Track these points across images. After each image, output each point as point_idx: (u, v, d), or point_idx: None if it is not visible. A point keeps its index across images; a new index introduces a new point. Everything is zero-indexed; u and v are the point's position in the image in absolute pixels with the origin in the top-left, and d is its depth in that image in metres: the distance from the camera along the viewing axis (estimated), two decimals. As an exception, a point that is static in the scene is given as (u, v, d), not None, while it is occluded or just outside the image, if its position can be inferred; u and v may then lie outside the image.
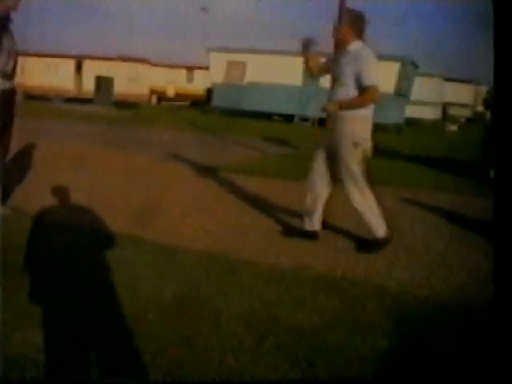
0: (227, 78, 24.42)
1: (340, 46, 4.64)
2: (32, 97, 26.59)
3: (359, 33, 4.61)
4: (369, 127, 4.67)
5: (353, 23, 4.57)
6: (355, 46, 4.58)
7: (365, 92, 4.48)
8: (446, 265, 4.39)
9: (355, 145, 4.55)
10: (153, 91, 34.60)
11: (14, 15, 4.73)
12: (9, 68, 4.71)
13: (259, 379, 2.51)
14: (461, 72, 43.79)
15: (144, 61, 31.23)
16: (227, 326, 3.00)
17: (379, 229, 4.66)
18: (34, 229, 4.54)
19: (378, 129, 13.27)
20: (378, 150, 11.41)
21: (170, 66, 36.91)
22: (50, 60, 29.98)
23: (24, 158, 7.80)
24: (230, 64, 24.09)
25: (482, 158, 9.40)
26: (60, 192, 5.80)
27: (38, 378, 2.42)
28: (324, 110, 4.68)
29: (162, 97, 35.68)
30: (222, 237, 4.84)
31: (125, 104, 26.47)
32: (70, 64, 30.23)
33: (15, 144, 6.70)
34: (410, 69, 23.61)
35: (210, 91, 27.23)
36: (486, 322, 3.16)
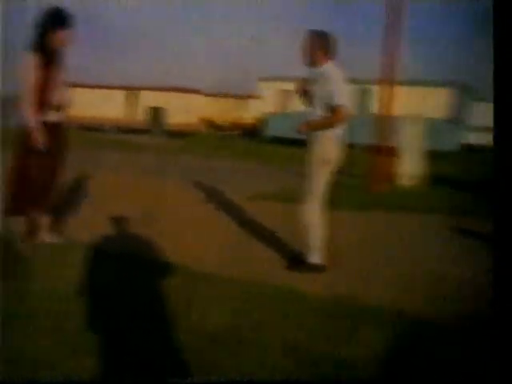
0: (278, 106, 24.56)
1: (313, 67, 4.70)
2: (86, 128, 27.38)
3: (329, 54, 4.64)
4: (338, 146, 4.69)
5: (321, 45, 4.61)
6: (325, 67, 4.62)
7: (335, 112, 4.53)
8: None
9: (324, 163, 4.61)
10: (205, 121, 35.07)
11: (67, 48, 4.86)
12: (60, 100, 4.83)
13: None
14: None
15: (196, 91, 31.77)
16: (272, 356, 2.97)
17: (316, 252, 4.68)
18: (89, 257, 4.62)
19: (432, 156, 13.16)
20: (431, 178, 11.36)
21: (222, 96, 37.39)
22: (104, 91, 30.87)
23: (78, 188, 7.97)
24: (281, 93, 24.25)
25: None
26: (113, 221, 5.89)
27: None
28: (298, 131, 4.72)
29: (214, 126, 36.09)
30: (272, 267, 4.81)
31: (177, 133, 26.89)
32: (124, 95, 31.00)
33: (69, 174, 6.89)
34: (466, 94, 23.20)
35: (261, 120, 27.38)
36: None
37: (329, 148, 4.62)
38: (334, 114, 4.54)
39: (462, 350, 3.15)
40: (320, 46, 4.61)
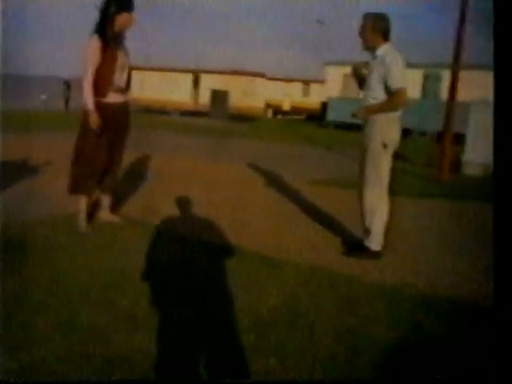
0: (343, 91, 24.24)
1: (370, 51, 4.62)
2: (151, 110, 27.80)
3: (384, 36, 4.54)
4: (397, 128, 4.59)
5: (377, 27, 4.52)
6: (382, 49, 4.53)
7: (393, 95, 4.44)
8: None
9: (384, 146, 4.50)
10: (268, 105, 35.01)
11: (130, 31, 4.90)
12: (122, 82, 4.88)
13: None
14: None
15: (259, 74, 31.66)
16: (321, 339, 2.98)
17: (376, 239, 4.59)
18: (149, 238, 4.71)
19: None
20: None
21: (286, 80, 37.20)
22: (168, 74, 31.21)
23: (140, 170, 8.09)
24: (347, 77, 23.87)
25: None
26: (175, 204, 5.95)
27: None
28: (354, 116, 4.66)
29: (277, 110, 36.01)
30: (325, 251, 4.78)
31: (240, 117, 26.95)
32: (187, 78, 31.25)
33: (132, 155, 7.00)
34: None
35: (325, 105, 27.11)
36: None
37: (388, 131, 4.53)
38: (392, 98, 4.45)
39: None
40: (376, 28, 4.52)
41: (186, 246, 4.58)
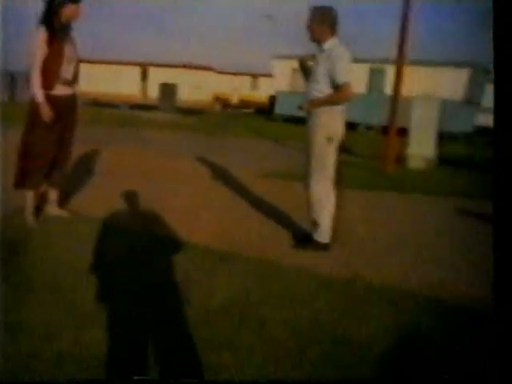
0: (291, 85, 24.41)
1: (317, 44, 4.64)
2: (99, 104, 27.38)
3: (331, 29, 4.57)
4: (341, 121, 4.64)
5: (324, 20, 4.55)
6: (329, 43, 4.57)
7: (338, 90, 4.49)
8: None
9: (328, 139, 4.56)
10: (217, 98, 34.97)
11: (77, 23, 4.84)
12: (69, 75, 4.82)
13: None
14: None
15: (208, 68, 31.61)
16: (273, 332, 2.99)
17: (324, 232, 4.65)
18: (97, 232, 4.64)
19: (444, 137, 13.05)
20: (443, 160, 11.35)
21: (235, 74, 37.22)
22: (116, 67, 30.79)
23: (87, 164, 7.99)
24: (295, 71, 24.03)
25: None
26: (122, 198, 5.91)
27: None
28: (300, 108, 4.70)
29: (226, 104, 36.01)
30: (275, 244, 4.81)
31: (189, 111, 26.84)
32: (136, 71, 30.93)
33: (80, 150, 6.90)
34: (481, 75, 22.90)
35: (273, 98, 27.27)
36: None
37: (332, 125, 4.58)
38: (337, 92, 4.49)
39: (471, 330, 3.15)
40: (323, 21, 4.55)
41: (135, 240, 4.53)
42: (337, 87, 4.49)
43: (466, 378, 2.64)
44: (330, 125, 4.57)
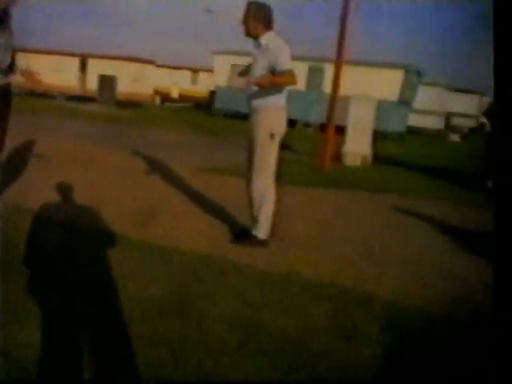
0: (231, 80, 24.43)
1: (254, 39, 4.66)
2: (36, 94, 26.64)
3: (267, 24, 4.60)
4: (284, 118, 4.68)
5: (259, 15, 4.57)
6: (265, 38, 4.59)
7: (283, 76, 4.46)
8: (438, 275, 4.35)
9: (271, 136, 4.59)
10: (156, 92, 34.60)
11: (14, 11, 4.73)
12: (4, 63, 4.70)
13: (261, 379, 2.51)
14: (465, 82, 43.83)
15: (149, 61, 31.22)
16: (211, 328, 2.99)
17: (263, 228, 4.69)
18: (31, 224, 4.52)
19: (379, 136, 13.39)
20: (377, 158, 11.68)
21: (175, 68, 36.92)
22: (54, 58, 30.02)
23: (22, 155, 7.79)
24: (234, 67, 24.09)
25: (482, 169, 9.37)
26: (56, 189, 5.79)
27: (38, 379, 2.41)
28: (247, 83, 4.61)
29: (165, 98, 35.65)
30: (214, 239, 4.82)
31: (128, 104, 26.48)
32: (75, 62, 30.25)
33: (15, 140, 6.74)
34: (414, 77, 23.60)
35: (213, 93, 27.24)
36: (476, 333, 3.16)
37: (275, 121, 4.61)
38: (286, 76, 4.45)
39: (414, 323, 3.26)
40: (258, 16, 4.56)
41: (69, 233, 4.44)
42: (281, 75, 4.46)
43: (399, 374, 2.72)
44: (272, 121, 4.59)
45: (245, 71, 4.83)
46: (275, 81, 4.50)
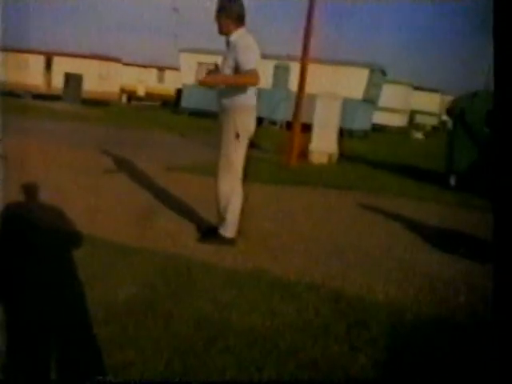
0: (197, 79, 24.34)
1: (225, 37, 4.64)
2: (1, 92, 26.14)
3: (238, 20, 4.58)
4: (252, 118, 4.68)
5: (229, 12, 4.55)
6: (235, 35, 4.58)
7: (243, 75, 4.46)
8: (403, 270, 4.42)
9: (237, 136, 4.58)
10: (123, 90, 34.32)
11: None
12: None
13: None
14: (428, 81, 44.57)
15: (115, 59, 30.94)
16: (178, 327, 2.98)
17: (230, 227, 4.70)
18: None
19: (344, 134, 13.52)
20: (343, 155, 11.80)
21: (141, 66, 36.68)
22: (19, 55, 29.53)
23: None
24: (201, 65, 24.02)
25: (445, 166, 9.54)
26: (20, 189, 5.72)
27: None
28: (200, 83, 4.57)
29: (132, 96, 35.38)
30: (181, 238, 4.80)
31: (94, 102, 26.20)
32: (40, 60, 29.79)
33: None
34: (378, 76, 23.88)
35: (180, 92, 27.13)
36: (440, 328, 3.23)
37: (242, 121, 4.59)
38: (245, 74, 4.44)
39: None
40: (229, 12, 4.53)
41: (34, 234, 4.38)
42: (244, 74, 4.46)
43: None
44: (238, 121, 4.57)
45: (213, 70, 4.81)
46: (228, 80, 4.52)
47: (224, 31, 4.61)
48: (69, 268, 3.70)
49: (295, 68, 13.66)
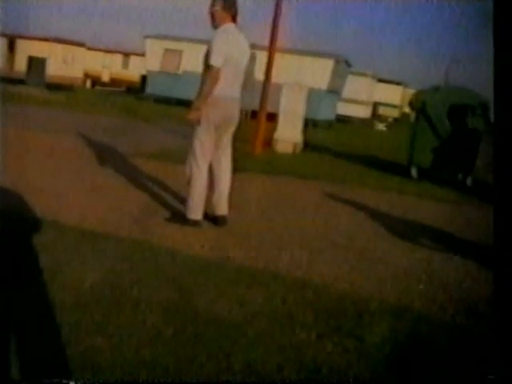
0: (163, 65, 24.14)
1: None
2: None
3: (232, 15, 4.69)
4: (218, 108, 4.71)
5: (225, 5, 4.65)
6: (221, 28, 4.67)
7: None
8: (367, 260, 4.51)
9: (197, 122, 4.69)
10: (87, 75, 33.82)
11: None
12: None
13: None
14: (391, 74, 45.07)
15: (79, 44, 30.46)
16: (146, 315, 2.99)
17: (192, 209, 4.81)
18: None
19: (309, 124, 13.56)
20: (307, 145, 11.89)
21: (106, 51, 36.20)
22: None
23: None
24: (166, 52, 23.82)
25: (407, 157, 9.72)
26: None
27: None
28: (189, 121, 4.72)
29: (96, 81, 34.88)
30: (148, 224, 4.80)
31: (58, 86, 25.73)
32: (2, 43, 29.13)
33: None
34: (343, 67, 24.03)
35: (145, 78, 26.86)
36: (404, 316, 3.32)
37: (208, 109, 4.63)
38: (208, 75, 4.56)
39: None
40: (227, 7, 4.64)
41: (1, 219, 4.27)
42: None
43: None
44: (205, 110, 4.62)
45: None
46: (204, 96, 4.58)
47: (216, 24, 4.68)
48: (35, 254, 3.66)
49: (261, 57, 13.68)
